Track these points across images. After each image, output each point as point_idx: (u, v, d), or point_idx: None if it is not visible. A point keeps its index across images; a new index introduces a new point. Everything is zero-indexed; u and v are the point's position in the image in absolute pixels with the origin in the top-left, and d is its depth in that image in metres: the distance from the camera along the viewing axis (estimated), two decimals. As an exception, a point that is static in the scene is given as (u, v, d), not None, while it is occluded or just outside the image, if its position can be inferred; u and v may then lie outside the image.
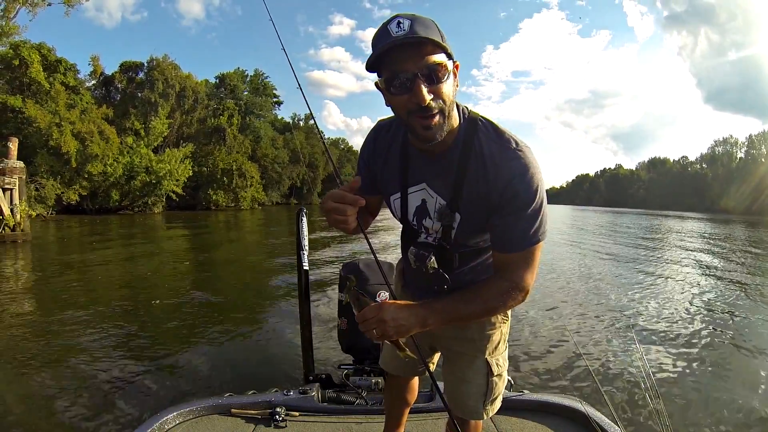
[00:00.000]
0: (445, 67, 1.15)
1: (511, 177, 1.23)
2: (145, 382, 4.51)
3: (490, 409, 1.64)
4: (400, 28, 1.10)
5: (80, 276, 10.58)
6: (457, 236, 1.39)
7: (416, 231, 1.49)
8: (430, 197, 1.39)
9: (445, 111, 1.19)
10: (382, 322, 1.22)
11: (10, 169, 16.79)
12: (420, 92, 1.12)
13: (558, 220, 42.55)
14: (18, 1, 34.44)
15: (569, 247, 18.58)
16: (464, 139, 1.30)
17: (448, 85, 1.17)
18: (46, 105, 33.88)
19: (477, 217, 1.33)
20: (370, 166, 1.53)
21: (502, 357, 1.63)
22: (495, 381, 1.61)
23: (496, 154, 1.26)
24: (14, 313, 7.13)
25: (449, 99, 1.18)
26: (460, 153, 1.30)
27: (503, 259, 1.32)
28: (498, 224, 1.29)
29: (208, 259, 14.05)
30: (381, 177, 1.51)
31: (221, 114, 52.13)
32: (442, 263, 1.43)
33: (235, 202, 51.56)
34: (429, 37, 1.10)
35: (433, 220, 1.41)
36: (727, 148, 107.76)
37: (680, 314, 7.71)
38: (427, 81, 1.13)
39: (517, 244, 1.28)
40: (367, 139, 1.55)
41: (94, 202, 38.11)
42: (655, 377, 4.73)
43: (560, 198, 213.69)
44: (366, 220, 1.59)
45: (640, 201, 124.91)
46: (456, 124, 1.28)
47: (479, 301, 1.30)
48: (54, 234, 22.03)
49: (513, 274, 1.29)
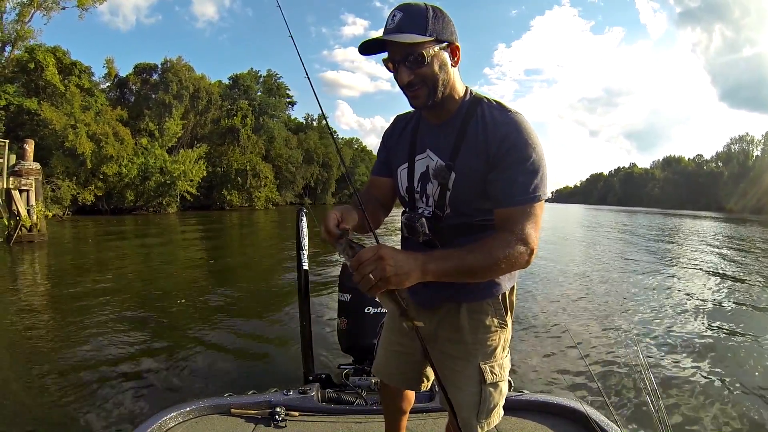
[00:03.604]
0: (422, 54, 1.32)
1: (507, 131, 1.34)
2: (145, 381, 4.54)
3: (485, 424, 1.55)
4: (393, 22, 1.32)
5: (92, 276, 10.71)
6: (452, 197, 1.43)
7: (416, 206, 1.56)
8: (432, 161, 1.49)
9: (428, 85, 1.36)
10: (380, 259, 1.13)
11: (26, 170, 16.95)
12: (401, 73, 1.35)
13: (569, 220, 42.29)
14: (33, 5, 34.96)
15: (575, 246, 18.48)
16: (468, 108, 1.44)
17: (428, 67, 1.34)
18: (61, 107, 34.11)
19: (472, 174, 1.39)
20: (387, 143, 1.69)
21: (498, 365, 1.55)
22: (489, 391, 1.53)
23: (497, 115, 1.38)
24: (27, 312, 7.24)
25: (431, 77, 1.35)
26: (463, 118, 1.43)
27: (505, 214, 1.33)
28: (497, 179, 1.34)
29: (216, 260, 14.12)
30: (394, 152, 1.64)
31: (235, 114, 52.22)
32: (432, 230, 1.48)
33: (249, 202, 51.77)
34: (409, 34, 1.29)
35: (432, 183, 1.48)
36: (743, 146, 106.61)
37: (683, 316, 7.64)
38: (409, 66, 1.34)
39: (518, 198, 1.31)
40: (389, 125, 1.72)
41: (109, 203, 38.38)
42: (656, 377, 4.70)
43: (574, 197, 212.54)
44: (377, 217, 1.61)
45: (655, 200, 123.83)
46: (457, 95, 1.44)
47: (483, 251, 1.25)
48: (70, 234, 22.31)
49: (515, 226, 1.28)
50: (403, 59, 1.34)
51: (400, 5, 1.34)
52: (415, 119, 1.59)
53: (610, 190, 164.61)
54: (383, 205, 1.68)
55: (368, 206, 1.56)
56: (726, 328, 6.95)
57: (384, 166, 1.68)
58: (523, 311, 7.39)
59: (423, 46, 1.31)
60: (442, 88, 1.38)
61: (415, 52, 1.31)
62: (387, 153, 1.67)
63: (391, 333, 1.80)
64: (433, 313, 1.60)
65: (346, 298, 3.03)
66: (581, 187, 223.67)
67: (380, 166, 1.69)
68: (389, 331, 1.81)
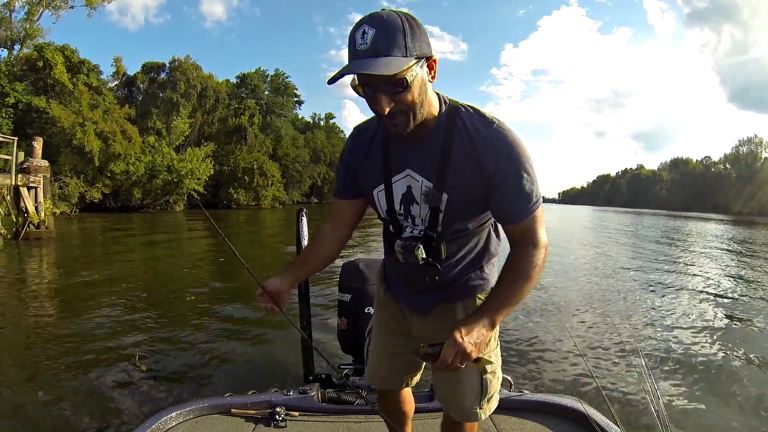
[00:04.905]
0: (405, 78, 1.16)
1: (501, 149, 1.29)
2: (145, 381, 4.54)
3: (486, 408, 1.63)
4: (364, 40, 1.13)
5: (99, 273, 10.77)
6: (446, 218, 1.40)
7: (401, 226, 1.49)
8: (415, 182, 1.40)
9: (409, 111, 1.23)
10: (465, 354, 1.26)
11: (35, 167, 17.07)
12: (380, 103, 1.19)
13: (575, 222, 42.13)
14: (41, 4, 35.19)
15: (578, 248, 18.42)
16: (446, 119, 1.34)
17: (410, 92, 1.20)
18: (69, 105, 34.27)
19: (466, 193, 1.36)
20: (349, 166, 1.55)
21: (494, 354, 1.61)
22: (489, 379, 1.59)
23: (481, 129, 1.31)
24: (32, 308, 7.32)
25: (413, 102, 1.21)
26: (444, 132, 1.34)
27: (519, 230, 1.37)
28: (503, 200, 1.34)
29: (217, 259, 14.15)
30: (363, 173, 1.52)
31: (242, 113, 52.25)
32: (430, 253, 1.43)
33: (256, 201, 51.75)
34: (388, 56, 1.13)
35: (420, 205, 1.42)
36: (751, 147, 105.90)
37: (684, 316, 7.63)
38: (389, 93, 1.18)
39: (527, 211, 1.34)
40: (347, 141, 1.59)
41: (116, 201, 38.52)
42: (656, 378, 4.69)
43: (581, 199, 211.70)
44: (343, 236, 1.67)
45: (662, 202, 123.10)
46: (435, 111, 1.33)
47: (521, 277, 1.34)
48: (77, 231, 22.44)
49: (533, 237, 1.36)
50: (384, 86, 1.18)
51: (370, 18, 1.15)
52: (381, 131, 1.46)
53: (617, 192, 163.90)
54: (349, 225, 1.66)
55: (316, 255, 1.67)
56: (728, 328, 6.95)
57: (348, 189, 1.58)
58: (524, 311, 7.39)
59: (406, 71, 1.16)
60: (422, 110, 1.27)
61: (397, 78, 1.16)
62: (353, 173, 1.54)
63: (380, 337, 1.81)
64: (429, 315, 1.61)
65: (346, 298, 3.03)
66: (588, 188, 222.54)
67: (343, 188, 1.59)
68: (378, 336, 1.82)
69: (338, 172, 1.60)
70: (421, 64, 1.20)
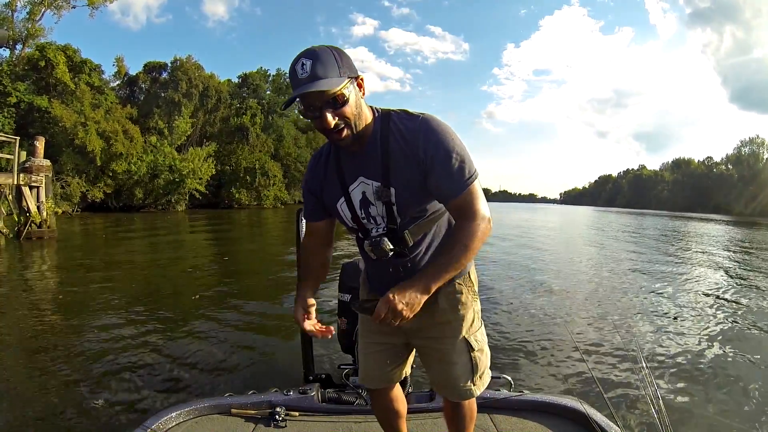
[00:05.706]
0: (343, 95, 1.40)
1: (425, 134, 1.47)
2: (145, 381, 4.54)
3: (480, 384, 1.77)
4: (304, 70, 1.37)
5: (100, 272, 10.79)
6: (399, 209, 1.55)
7: (367, 230, 1.64)
8: (367, 186, 1.57)
9: (350, 123, 1.45)
10: (396, 312, 1.41)
11: (36, 167, 17.06)
12: (326, 119, 1.41)
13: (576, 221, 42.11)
14: (43, 4, 35.23)
15: (579, 248, 18.41)
16: (381, 125, 1.54)
17: (349, 106, 1.43)
18: (71, 105, 34.31)
19: (409, 183, 1.51)
20: (312, 188, 1.73)
21: (480, 333, 1.78)
22: (477, 356, 1.74)
23: (409, 124, 1.51)
24: (33, 307, 7.32)
25: (352, 115, 1.45)
26: (381, 137, 1.53)
27: (457, 204, 1.50)
28: (437, 179, 1.48)
29: (227, 257, 14.20)
30: (325, 192, 1.70)
31: (244, 113, 52.20)
32: (396, 243, 1.58)
33: (258, 200, 51.77)
34: (326, 78, 1.36)
35: (375, 205, 1.57)
36: (753, 148, 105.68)
37: (685, 317, 7.61)
38: (331, 109, 1.41)
39: (460, 186, 1.47)
40: (306, 170, 1.78)
41: (118, 200, 38.61)
42: (656, 377, 4.69)
43: (582, 199, 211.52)
44: (326, 247, 1.85)
45: (664, 202, 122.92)
46: (369, 121, 1.53)
47: (458, 245, 1.48)
48: (79, 230, 22.48)
49: (469, 210, 1.49)
50: (326, 104, 1.40)
51: (306, 53, 1.39)
52: (333, 151, 1.66)
53: (619, 192, 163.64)
54: (327, 244, 1.85)
55: (315, 267, 1.83)
56: (729, 329, 6.93)
57: (317, 211, 1.76)
58: (524, 311, 7.40)
59: (343, 88, 1.39)
60: (359, 121, 1.48)
61: (337, 95, 1.39)
62: (317, 197, 1.73)
63: (365, 337, 1.90)
64: None
65: (345, 298, 3.03)
66: (590, 188, 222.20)
67: (313, 211, 1.77)
68: (365, 336, 1.90)
69: (305, 198, 1.79)
70: (352, 83, 1.45)
